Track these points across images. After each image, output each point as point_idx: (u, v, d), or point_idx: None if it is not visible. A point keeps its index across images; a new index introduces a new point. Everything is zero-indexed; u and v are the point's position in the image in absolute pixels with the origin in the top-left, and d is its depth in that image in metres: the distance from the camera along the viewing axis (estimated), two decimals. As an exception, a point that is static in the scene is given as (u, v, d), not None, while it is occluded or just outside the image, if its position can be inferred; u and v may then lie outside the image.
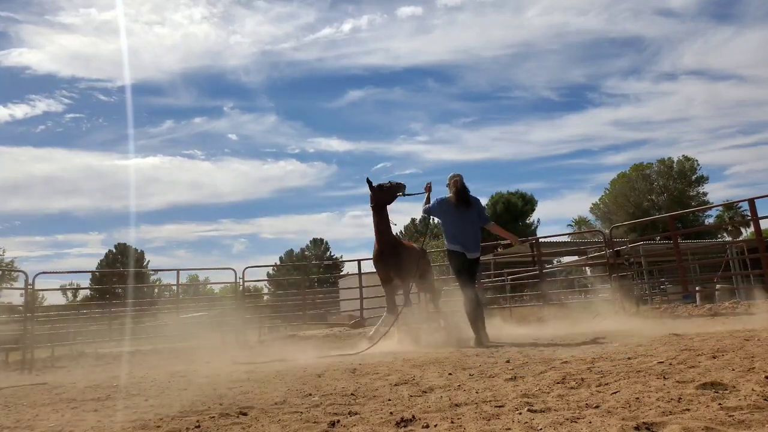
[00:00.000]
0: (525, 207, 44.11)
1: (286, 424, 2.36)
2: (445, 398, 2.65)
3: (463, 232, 5.90)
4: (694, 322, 6.50)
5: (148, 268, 53.52)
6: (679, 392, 2.34)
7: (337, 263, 44.24)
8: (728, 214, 39.68)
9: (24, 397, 4.00)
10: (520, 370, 3.46)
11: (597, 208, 47.46)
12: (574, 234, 33.91)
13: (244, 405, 2.89)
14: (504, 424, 2.07)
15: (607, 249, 9.51)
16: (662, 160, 46.35)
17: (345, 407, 2.64)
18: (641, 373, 2.91)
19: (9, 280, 35.48)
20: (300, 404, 2.82)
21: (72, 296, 37.28)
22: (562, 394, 2.55)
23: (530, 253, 11.81)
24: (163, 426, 2.51)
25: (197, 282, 42.19)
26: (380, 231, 6.51)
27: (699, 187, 45.46)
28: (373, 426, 2.21)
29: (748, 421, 1.84)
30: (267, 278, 28.30)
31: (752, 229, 10.32)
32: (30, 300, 8.74)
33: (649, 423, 1.89)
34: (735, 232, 15.83)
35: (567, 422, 2.00)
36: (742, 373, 2.64)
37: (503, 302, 11.61)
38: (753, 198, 7.59)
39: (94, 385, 4.43)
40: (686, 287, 10.17)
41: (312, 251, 56.91)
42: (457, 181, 6.01)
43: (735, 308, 7.41)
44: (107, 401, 3.43)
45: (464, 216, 5.94)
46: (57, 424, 2.74)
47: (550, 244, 17.19)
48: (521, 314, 10.10)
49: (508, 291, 13.46)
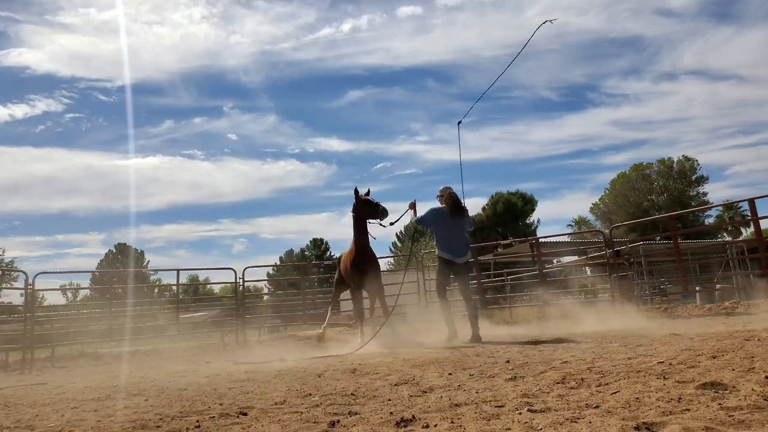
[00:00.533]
0: (525, 207, 44.13)
1: (286, 424, 2.36)
2: (445, 398, 2.65)
3: (455, 240, 6.44)
4: (694, 322, 6.50)
5: (148, 268, 53.60)
6: (679, 392, 2.33)
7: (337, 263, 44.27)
8: (728, 214, 39.70)
9: (24, 397, 4.00)
10: (520, 370, 3.46)
11: (597, 208, 47.48)
12: (574, 234, 33.92)
13: (244, 405, 2.89)
14: (504, 424, 2.07)
15: (607, 249, 9.51)
16: (662, 160, 46.39)
17: (345, 407, 2.64)
18: (641, 373, 2.91)
19: (9, 280, 35.50)
20: (300, 404, 2.82)
21: (72, 296, 37.31)
22: (562, 394, 2.55)
23: (530, 253, 11.82)
24: (163, 426, 2.51)
25: (197, 282, 42.20)
26: (362, 243, 7.05)
27: (699, 187, 45.50)
28: (373, 426, 2.21)
29: (748, 421, 1.84)
30: (267, 278, 28.29)
31: (752, 229, 10.31)
32: (30, 300, 8.74)
33: (649, 423, 1.89)
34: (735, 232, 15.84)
35: (567, 422, 2.00)
36: (742, 373, 2.64)
37: (503, 302, 11.61)
38: (753, 198, 7.59)
39: (94, 385, 4.43)
40: (686, 287, 10.17)
41: (312, 251, 56.87)
42: (452, 194, 6.57)
43: (735, 308, 7.41)
44: (107, 401, 3.43)
45: (457, 225, 6.49)
46: (57, 424, 2.73)
47: (550, 244, 17.18)
48: (521, 314, 10.10)
49: (508, 291, 13.46)
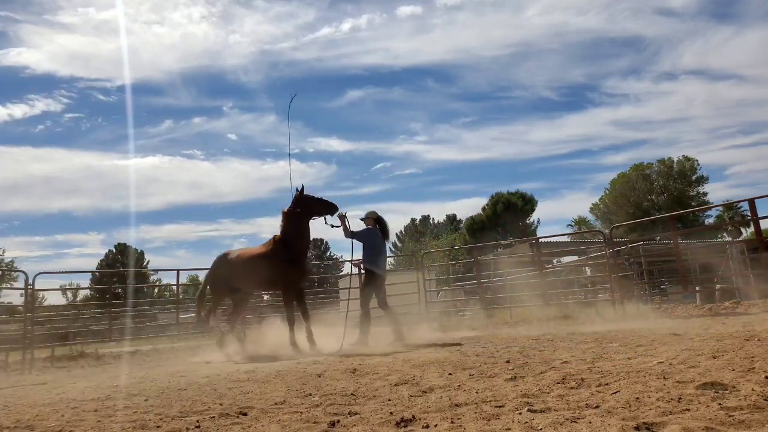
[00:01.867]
0: (525, 207, 44.08)
1: (286, 424, 2.36)
2: (445, 398, 2.65)
3: (382, 257, 7.29)
4: (694, 322, 6.50)
5: (148, 268, 53.54)
6: (679, 392, 2.33)
7: (337, 263, 44.23)
8: (728, 214, 39.66)
9: (24, 397, 4.00)
10: (520, 370, 3.46)
11: (597, 208, 47.43)
12: (574, 234, 33.91)
13: (244, 405, 2.89)
14: (504, 424, 2.07)
15: (607, 249, 9.51)
16: (662, 160, 46.34)
17: (345, 407, 2.64)
18: (641, 373, 2.91)
19: (9, 280, 35.47)
20: (300, 404, 2.82)
21: (72, 296, 37.32)
22: (562, 394, 2.55)
23: (530, 253, 11.82)
24: (163, 426, 2.51)
25: (197, 282, 42.20)
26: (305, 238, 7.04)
27: (699, 187, 45.42)
28: (373, 426, 2.21)
29: (748, 421, 1.84)
30: (267, 278, 28.36)
31: (752, 229, 10.31)
32: (30, 300, 8.75)
33: (649, 423, 1.89)
34: (735, 232, 15.83)
35: (567, 422, 2.00)
36: (742, 373, 2.64)
37: (503, 302, 11.61)
38: (753, 198, 7.60)
39: (94, 385, 4.44)
40: (686, 287, 10.17)
41: (311, 251, 56.93)
42: (381, 219, 7.36)
43: (735, 308, 7.41)
44: (107, 401, 3.43)
45: (383, 244, 7.36)
46: (57, 424, 2.73)
47: (550, 244, 17.19)
48: (521, 314, 10.10)
49: (508, 291, 13.45)
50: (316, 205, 7.02)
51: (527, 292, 13.21)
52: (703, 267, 14.23)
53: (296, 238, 6.92)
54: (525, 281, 12.39)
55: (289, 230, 6.92)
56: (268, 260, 6.83)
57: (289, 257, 6.81)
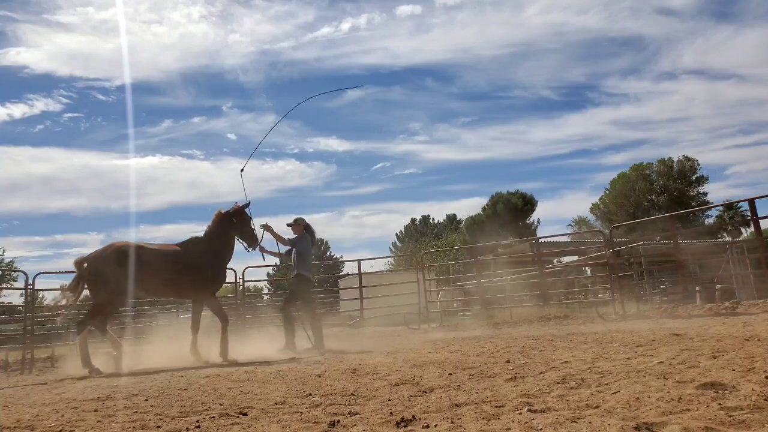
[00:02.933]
0: (525, 207, 44.05)
1: (286, 424, 2.36)
2: (445, 398, 2.65)
3: (312, 263, 7.56)
4: (694, 322, 6.50)
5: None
6: (679, 392, 2.33)
7: (337, 263, 44.22)
8: (728, 214, 39.66)
9: (24, 397, 4.00)
10: (520, 370, 3.46)
11: (597, 208, 47.41)
12: (574, 234, 33.89)
13: (244, 405, 2.89)
14: (504, 424, 2.07)
15: (607, 249, 9.51)
16: (662, 160, 46.32)
17: (345, 407, 2.64)
18: (641, 373, 2.91)
19: (9, 280, 35.44)
20: (300, 404, 2.82)
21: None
22: (562, 394, 2.55)
23: (530, 253, 11.82)
24: (163, 426, 2.51)
25: (197, 282, 42.06)
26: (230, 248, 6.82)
27: (699, 187, 45.40)
28: (373, 426, 2.21)
29: (748, 421, 1.84)
30: (267, 278, 28.33)
31: (752, 229, 10.31)
32: (30, 300, 8.75)
33: (649, 423, 1.89)
34: (735, 232, 15.84)
35: (567, 422, 2.00)
36: (742, 373, 2.64)
37: (503, 302, 11.60)
38: (753, 198, 7.61)
39: (94, 385, 4.44)
40: (686, 287, 10.17)
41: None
42: (309, 225, 7.44)
43: (735, 308, 7.41)
44: (107, 401, 3.43)
45: (312, 252, 7.58)
46: (57, 424, 2.73)
47: (550, 244, 17.18)
48: (521, 314, 10.10)
49: (508, 291, 13.45)
50: (249, 227, 6.83)
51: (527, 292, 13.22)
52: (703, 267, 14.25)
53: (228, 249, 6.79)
54: (525, 281, 12.40)
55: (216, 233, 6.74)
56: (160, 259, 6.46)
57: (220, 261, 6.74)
